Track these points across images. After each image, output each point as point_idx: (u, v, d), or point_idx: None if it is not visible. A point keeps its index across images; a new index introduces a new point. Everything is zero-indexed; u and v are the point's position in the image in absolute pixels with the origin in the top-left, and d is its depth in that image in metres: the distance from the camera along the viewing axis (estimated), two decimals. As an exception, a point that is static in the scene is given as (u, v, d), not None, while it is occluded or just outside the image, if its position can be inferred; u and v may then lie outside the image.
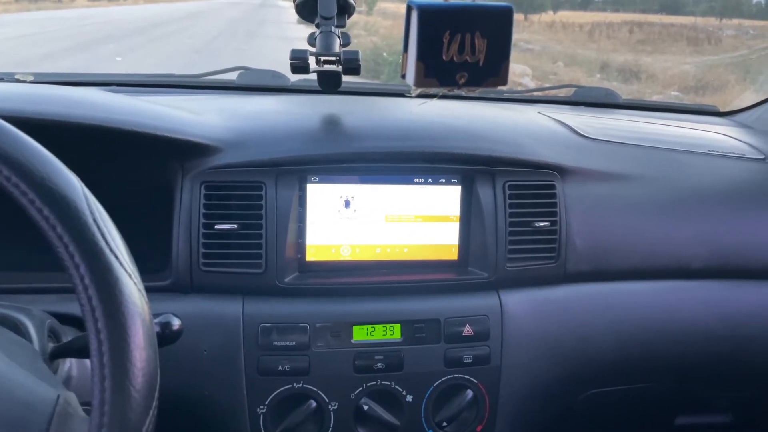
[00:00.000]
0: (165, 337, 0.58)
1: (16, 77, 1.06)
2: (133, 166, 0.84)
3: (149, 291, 0.46)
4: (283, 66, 0.99)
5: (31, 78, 1.07)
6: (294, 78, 1.01)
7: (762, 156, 1.05)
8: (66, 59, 8.33)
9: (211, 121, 0.87)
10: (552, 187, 0.89)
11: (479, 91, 0.75)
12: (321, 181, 0.84)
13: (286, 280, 0.82)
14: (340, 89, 0.94)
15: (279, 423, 0.82)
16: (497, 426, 0.88)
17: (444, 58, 0.62)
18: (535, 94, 1.43)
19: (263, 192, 0.81)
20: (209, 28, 15.17)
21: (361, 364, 0.83)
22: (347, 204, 0.85)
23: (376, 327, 0.83)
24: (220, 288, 0.82)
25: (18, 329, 0.59)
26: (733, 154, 1.04)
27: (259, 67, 1.19)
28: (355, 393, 0.83)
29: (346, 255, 0.86)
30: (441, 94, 0.68)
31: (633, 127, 1.11)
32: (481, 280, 0.87)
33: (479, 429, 0.87)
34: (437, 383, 0.85)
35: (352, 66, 0.87)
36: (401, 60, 0.67)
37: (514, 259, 0.87)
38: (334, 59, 0.87)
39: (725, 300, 0.96)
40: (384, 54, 8.45)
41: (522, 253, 0.87)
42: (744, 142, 1.10)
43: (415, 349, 0.84)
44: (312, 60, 0.89)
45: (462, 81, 0.64)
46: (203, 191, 0.80)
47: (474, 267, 0.88)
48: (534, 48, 13.20)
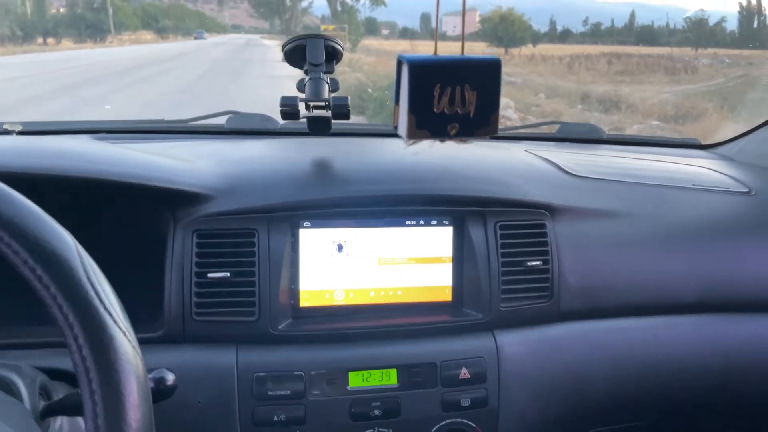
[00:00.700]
0: (159, 393, 0.57)
1: (4, 127, 1.05)
2: (125, 216, 0.83)
3: (141, 343, 0.45)
4: (269, 102, 1.00)
5: (20, 127, 1.06)
6: (283, 121, 1.02)
7: (746, 189, 1.07)
8: (52, 101, 8.39)
9: (202, 169, 0.87)
10: (542, 226, 0.90)
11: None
12: (313, 226, 0.84)
13: (279, 327, 0.81)
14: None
15: None
16: None
17: (435, 110, 0.63)
18: (521, 131, 1.45)
19: (255, 239, 0.81)
20: (195, 68, 15.33)
21: (358, 411, 0.81)
22: (340, 248, 0.85)
23: (372, 372, 0.82)
24: (212, 337, 0.81)
25: (8, 388, 0.58)
26: (718, 188, 1.06)
27: (246, 105, 1.19)
28: None
29: (339, 299, 0.86)
30: None
31: (618, 163, 1.13)
32: (476, 321, 0.87)
33: None
34: (435, 428, 0.84)
35: (341, 111, 0.88)
36: (393, 112, 0.68)
37: (508, 299, 0.87)
38: (323, 105, 0.89)
39: (719, 334, 0.97)
40: (369, 90, 8.57)
41: (516, 293, 0.88)
42: (727, 175, 1.12)
43: (412, 394, 0.83)
44: (302, 106, 0.90)
45: (453, 132, 0.65)
46: (195, 239, 0.80)
47: (468, 308, 0.88)
48: (516, 81, 13.46)
